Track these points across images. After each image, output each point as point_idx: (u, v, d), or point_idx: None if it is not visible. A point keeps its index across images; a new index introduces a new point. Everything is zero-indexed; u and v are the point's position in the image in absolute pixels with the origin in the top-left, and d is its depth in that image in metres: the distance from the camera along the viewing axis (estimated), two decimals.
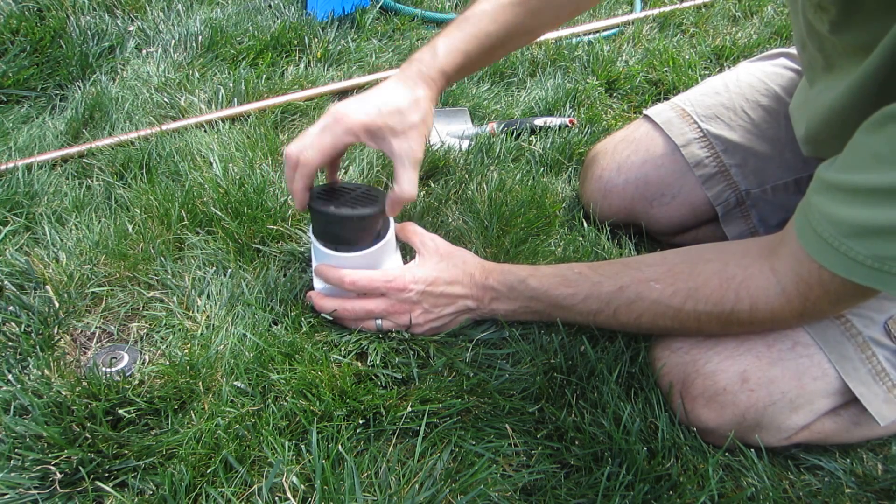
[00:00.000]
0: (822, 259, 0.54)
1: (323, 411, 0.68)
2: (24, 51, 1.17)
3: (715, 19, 1.59)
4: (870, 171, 0.49)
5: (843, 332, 0.64)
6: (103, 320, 0.78)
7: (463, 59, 0.74)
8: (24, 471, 0.61)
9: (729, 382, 0.64)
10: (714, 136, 0.86)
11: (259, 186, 0.93)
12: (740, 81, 0.89)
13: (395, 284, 0.71)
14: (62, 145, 1.04)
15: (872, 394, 0.64)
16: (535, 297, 0.72)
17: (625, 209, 0.90)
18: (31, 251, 0.85)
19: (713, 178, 0.87)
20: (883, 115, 0.49)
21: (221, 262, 0.85)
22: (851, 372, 0.63)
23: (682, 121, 0.88)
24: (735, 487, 0.68)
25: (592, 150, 0.97)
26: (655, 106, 0.94)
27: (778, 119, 0.85)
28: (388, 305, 0.72)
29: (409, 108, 0.68)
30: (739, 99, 0.87)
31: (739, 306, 0.62)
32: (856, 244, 0.50)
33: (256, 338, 0.74)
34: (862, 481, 0.70)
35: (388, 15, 1.45)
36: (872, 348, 0.63)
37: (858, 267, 0.51)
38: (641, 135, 0.90)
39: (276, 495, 0.62)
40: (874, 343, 0.63)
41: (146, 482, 0.62)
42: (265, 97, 1.14)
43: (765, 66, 0.90)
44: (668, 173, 0.88)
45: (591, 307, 0.70)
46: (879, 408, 0.64)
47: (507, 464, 0.68)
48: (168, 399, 0.68)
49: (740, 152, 0.85)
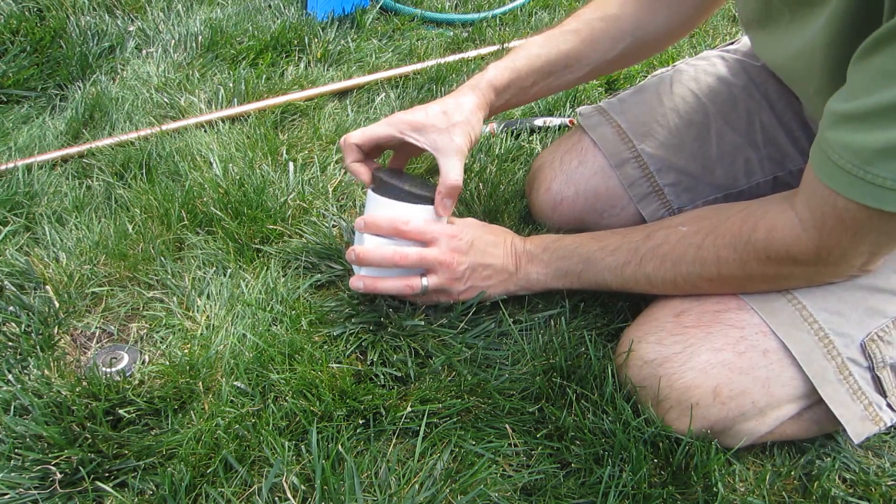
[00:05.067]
0: (848, 191, 0.53)
1: (323, 411, 0.68)
2: (24, 51, 1.17)
3: (715, 19, 1.59)
4: (881, 91, 0.48)
5: (825, 354, 0.64)
6: (103, 320, 0.78)
7: (511, 74, 0.78)
8: (24, 471, 0.61)
9: (702, 398, 0.65)
10: (648, 155, 0.86)
11: (259, 186, 0.93)
12: (674, 95, 0.89)
13: (449, 231, 0.75)
14: (62, 145, 1.04)
15: (851, 413, 0.64)
16: (566, 256, 0.75)
17: (575, 220, 0.91)
18: (31, 251, 0.85)
19: (647, 197, 0.87)
20: (877, 37, 0.48)
21: (221, 262, 0.85)
22: (832, 394, 0.64)
23: (618, 138, 0.88)
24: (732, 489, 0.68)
25: (537, 161, 0.96)
26: (588, 110, 0.93)
27: (709, 137, 0.86)
28: (439, 253, 0.73)
29: (454, 109, 0.74)
30: (673, 115, 0.87)
31: (756, 236, 0.62)
32: (881, 169, 0.49)
33: (256, 338, 0.74)
34: None
35: (388, 15, 1.45)
36: (850, 368, 0.64)
37: (888, 193, 0.50)
38: (587, 146, 0.90)
39: (276, 495, 0.62)
40: (852, 363, 0.64)
41: (146, 482, 0.62)
42: (265, 97, 1.14)
43: (698, 73, 0.90)
44: (617, 185, 0.88)
45: (619, 259, 0.72)
46: (856, 426, 0.65)
47: (507, 464, 0.68)
48: (168, 399, 0.68)
49: (673, 172, 0.86)
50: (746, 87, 0.87)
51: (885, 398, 0.65)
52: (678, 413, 0.66)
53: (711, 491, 0.64)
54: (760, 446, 0.73)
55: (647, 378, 0.67)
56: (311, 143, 1.06)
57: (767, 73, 0.86)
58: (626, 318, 0.83)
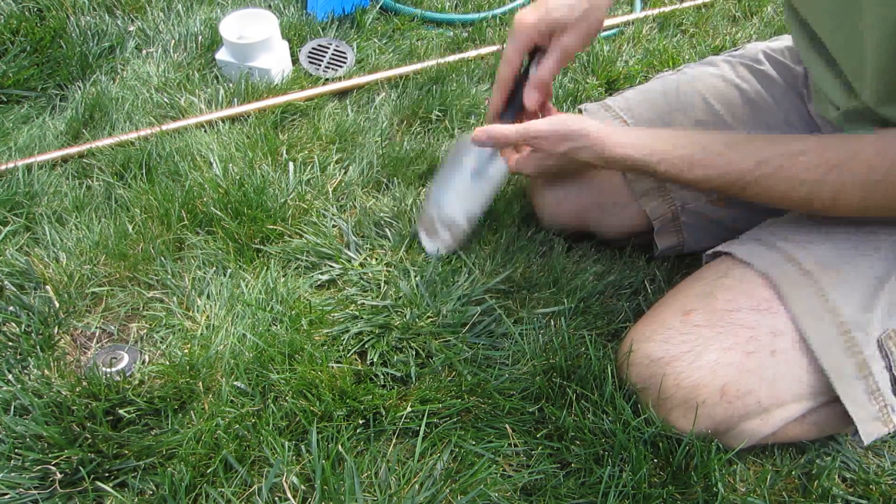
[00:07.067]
0: None
1: (323, 411, 0.68)
2: (24, 51, 1.17)
3: (715, 19, 1.59)
4: None
5: (846, 349, 0.63)
6: (103, 320, 0.78)
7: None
8: (24, 471, 0.61)
9: (709, 396, 0.64)
10: None
11: (259, 186, 0.93)
12: (679, 94, 0.88)
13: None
14: (62, 145, 1.04)
15: (865, 412, 0.63)
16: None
17: (577, 217, 0.90)
18: (31, 251, 0.85)
19: (650, 193, 0.86)
20: None
21: (221, 262, 0.85)
22: (848, 390, 0.63)
23: None
24: (732, 489, 0.68)
25: None
26: (592, 106, 0.92)
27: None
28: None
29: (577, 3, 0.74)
30: (679, 115, 0.87)
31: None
32: None
33: (256, 338, 0.74)
34: None
35: (388, 15, 1.45)
36: (871, 367, 0.63)
37: None
38: None
39: (276, 495, 0.62)
40: (873, 360, 0.63)
41: (146, 482, 0.62)
42: (265, 97, 1.14)
43: (704, 75, 0.90)
44: (620, 181, 0.87)
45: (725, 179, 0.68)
46: (867, 426, 0.64)
47: (507, 464, 0.68)
48: (168, 399, 0.68)
49: None
50: (752, 89, 0.86)
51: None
52: (682, 412, 0.65)
53: (711, 491, 0.64)
54: (761, 446, 0.73)
55: (652, 376, 0.67)
56: (311, 143, 1.05)
57: (773, 77, 0.86)
58: (626, 318, 0.83)
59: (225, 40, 1.17)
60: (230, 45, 1.17)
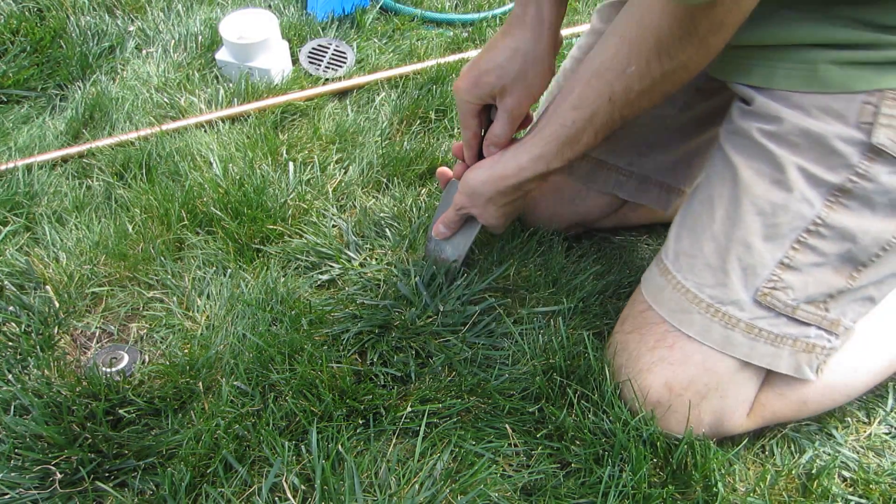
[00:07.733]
0: None
1: (323, 411, 0.68)
2: (24, 51, 1.17)
3: None
4: None
5: (724, 325, 0.64)
6: (103, 320, 0.78)
7: None
8: (24, 471, 0.61)
9: (660, 395, 0.67)
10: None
11: (259, 186, 0.93)
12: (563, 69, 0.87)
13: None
14: (62, 145, 1.04)
15: (779, 357, 0.64)
16: None
17: (553, 214, 0.91)
18: (31, 251, 0.85)
19: (589, 174, 0.87)
20: None
21: (221, 262, 0.85)
22: (750, 353, 0.64)
23: None
24: (731, 489, 0.68)
25: None
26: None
27: None
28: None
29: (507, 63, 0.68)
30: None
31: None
32: None
33: (256, 338, 0.74)
34: None
35: (388, 15, 1.44)
36: (758, 325, 0.63)
37: None
38: None
39: (276, 495, 0.62)
40: (758, 319, 0.63)
41: (146, 482, 0.62)
42: (265, 97, 1.14)
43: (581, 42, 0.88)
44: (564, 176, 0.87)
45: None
46: (789, 362, 0.64)
47: (507, 464, 0.68)
48: (168, 399, 0.68)
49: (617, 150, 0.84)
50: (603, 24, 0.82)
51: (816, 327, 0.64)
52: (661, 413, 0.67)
53: (711, 491, 0.64)
54: (760, 446, 0.73)
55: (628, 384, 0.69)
56: (310, 143, 1.05)
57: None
58: None
59: (225, 40, 1.17)
60: (230, 45, 1.17)
